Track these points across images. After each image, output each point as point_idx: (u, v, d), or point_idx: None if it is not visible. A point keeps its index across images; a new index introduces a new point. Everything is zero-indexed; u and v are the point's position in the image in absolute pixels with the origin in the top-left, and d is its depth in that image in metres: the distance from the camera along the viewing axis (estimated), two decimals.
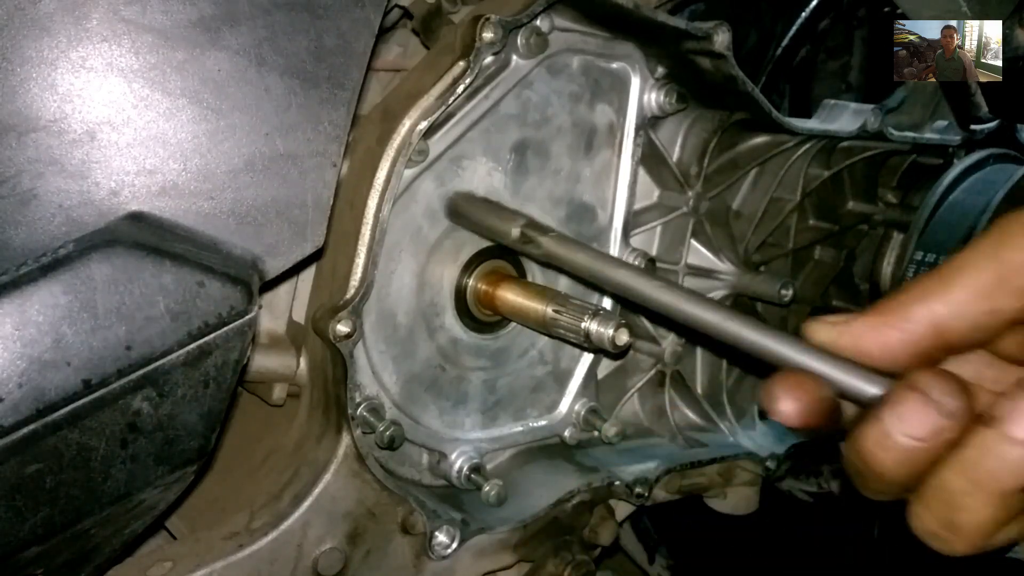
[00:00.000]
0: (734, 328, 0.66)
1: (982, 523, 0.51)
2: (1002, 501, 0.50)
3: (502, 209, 0.91)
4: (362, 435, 0.94)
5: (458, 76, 0.89)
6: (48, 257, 0.64)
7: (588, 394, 1.17)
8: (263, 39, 0.71)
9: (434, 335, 1.02)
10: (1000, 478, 0.49)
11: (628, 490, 1.15)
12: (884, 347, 0.55)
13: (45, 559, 0.70)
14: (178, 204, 0.70)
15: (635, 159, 1.12)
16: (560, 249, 0.84)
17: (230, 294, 0.70)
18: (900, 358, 0.55)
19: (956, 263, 0.55)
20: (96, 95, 0.66)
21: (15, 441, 0.62)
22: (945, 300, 0.54)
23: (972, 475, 0.50)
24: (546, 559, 1.11)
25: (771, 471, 1.31)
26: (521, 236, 0.86)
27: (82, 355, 0.64)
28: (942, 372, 0.52)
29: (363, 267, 0.90)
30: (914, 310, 0.55)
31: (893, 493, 0.56)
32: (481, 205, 0.94)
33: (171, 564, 0.88)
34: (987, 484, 0.50)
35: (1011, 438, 0.48)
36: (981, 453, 0.49)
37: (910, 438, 0.51)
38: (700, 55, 1.07)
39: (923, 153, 1.45)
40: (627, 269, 0.77)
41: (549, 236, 0.85)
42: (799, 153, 1.28)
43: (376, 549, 0.99)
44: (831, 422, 0.57)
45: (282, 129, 0.74)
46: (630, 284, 0.76)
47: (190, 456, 0.73)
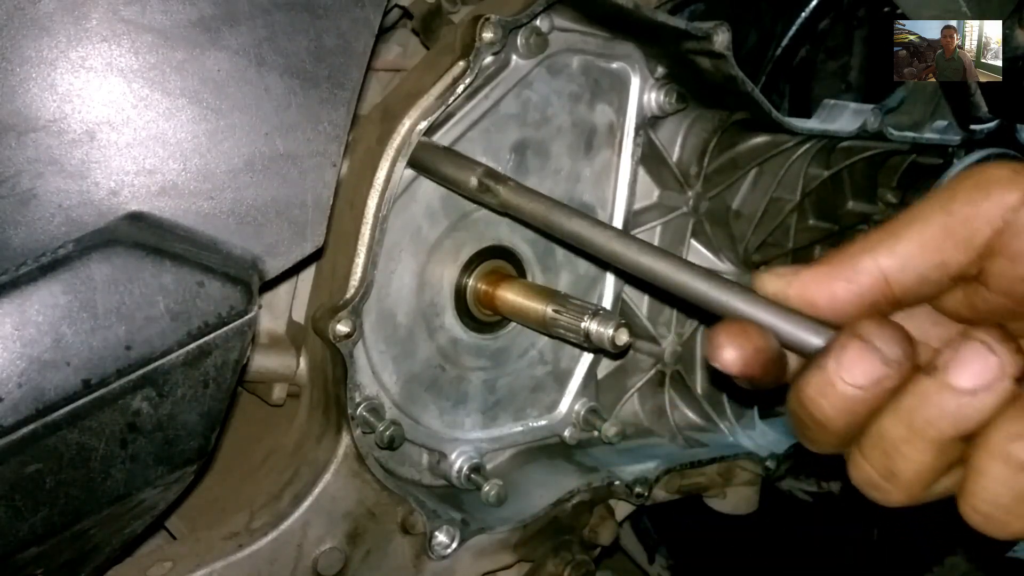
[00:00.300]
0: (683, 278, 0.65)
1: (919, 471, 0.51)
2: (939, 449, 0.50)
3: (462, 158, 0.89)
4: (362, 435, 0.94)
5: (458, 76, 0.89)
6: (48, 257, 0.64)
7: (588, 394, 1.17)
8: (263, 39, 0.71)
9: (434, 335, 1.02)
10: (938, 426, 0.49)
11: (628, 490, 1.15)
12: (832, 298, 0.55)
13: (45, 559, 0.70)
14: (178, 204, 0.70)
15: (635, 159, 1.12)
16: (516, 198, 0.82)
17: (230, 294, 0.70)
18: (847, 310, 0.55)
19: (906, 216, 0.55)
20: (96, 95, 0.66)
21: (15, 441, 0.62)
22: (893, 252, 0.54)
23: (910, 422, 0.50)
24: (546, 559, 1.11)
25: (771, 471, 1.31)
26: (479, 185, 0.85)
27: (82, 355, 0.64)
28: (886, 321, 0.51)
29: (363, 267, 0.90)
30: (862, 261, 0.55)
31: (834, 445, 0.56)
32: (442, 154, 0.92)
33: (171, 564, 0.88)
34: (925, 431, 0.50)
35: (950, 386, 0.48)
36: (920, 401, 0.49)
37: (851, 386, 0.50)
38: (700, 55, 1.07)
39: (923, 153, 1.45)
40: (581, 218, 0.76)
41: (506, 185, 0.84)
42: (799, 153, 1.28)
43: (376, 549, 0.99)
44: (775, 374, 0.57)
45: (282, 129, 0.74)
46: (583, 233, 0.75)
47: (190, 456, 0.73)
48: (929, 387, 0.49)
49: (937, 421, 0.49)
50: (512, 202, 0.84)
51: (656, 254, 0.69)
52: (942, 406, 0.49)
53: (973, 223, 0.52)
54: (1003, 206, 0.52)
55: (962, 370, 0.48)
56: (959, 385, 0.48)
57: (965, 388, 0.48)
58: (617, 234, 0.74)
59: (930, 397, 0.49)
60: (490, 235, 1.04)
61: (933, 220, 0.53)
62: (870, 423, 0.52)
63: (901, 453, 0.51)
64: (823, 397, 0.52)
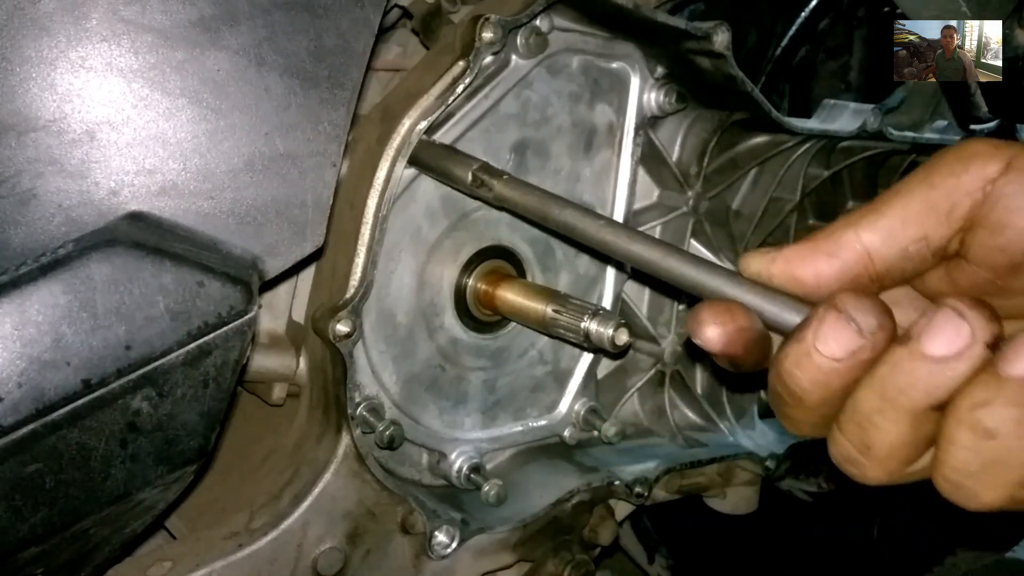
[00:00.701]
0: (670, 263, 0.66)
1: (893, 443, 0.51)
2: (913, 420, 0.50)
3: (458, 154, 0.90)
4: (362, 435, 0.94)
5: (458, 76, 0.89)
6: (48, 257, 0.64)
7: (588, 394, 1.17)
8: (263, 39, 0.71)
9: (434, 335, 1.02)
10: (910, 395, 0.49)
11: (628, 490, 1.15)
12: (816, 275, 0.55)
13: (45, 559, 0.70)
14: (178, 204, 0.70)
15: (635, 159, 1.12)
16: (511, 191, 0.84)
17: (230, 294, 0.70)
18: (831, 286, 0.55)
19: (890, 192, 0.55)
20: (96, 95, 0.66)
21: (15, 441, 0.62)
22: (875, 226, 0.54)
23: (884, 392, 0.49)
24: (546, 559, 1.11)
25: (771, 471, 1.31)
26: (473, 179, 0.86)
27: (82, 355, 0.64)
28: (864, 293, 0.51)
29: (363, 267, 0.90)
30: (844, 236, 0.55)
31: (811, 423, 0.55)
32: (439, 150, 0.92)
33: (171, 564, 0.88)
34: (897, 400, 0.49)
35: (923, 355, 0.48)
36: (893, 370, 0.49)
37: (827, 358, 0.50)
38: (700, 55, 1.07)
39: (923, 153, 1.45)
40: (573, 209, 0.78)
41: (501, 179, 0.85)
42: (799, 153, 1.28)
43: (376, 549, 0.99)
44: (758, 356, 0.57)
45: (282, 129, 0.74)
46: (575, 223, 0.77)
47: (190, 456, 0.73)
48: (902, 356, 0.49)
49: (909, 390, 0.48)
50: (507, 195, 0.84)
51: (644, 241, 0.70)
52: (914, 374, 0.48)
53: (954, 195, 0.53)
54: (983, 177, 0.52)
55: (934, 337, 0.47)
56: (931, 352, 0.48)
57: (937, 356, 0.47)
58: (608, 223, 0.75)
59: (903, 365, 0.48)
60: (490, 235, 1.04)
61: (915, 194, 0.54)
62: (846, 397, 0.52)
63: (875, 424, 0.51)
64: (799, 369, 0.52)
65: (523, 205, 0.83)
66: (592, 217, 0.76)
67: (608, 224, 0.75)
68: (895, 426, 0.50)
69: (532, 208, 0.82)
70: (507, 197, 0.84)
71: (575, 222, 0.77)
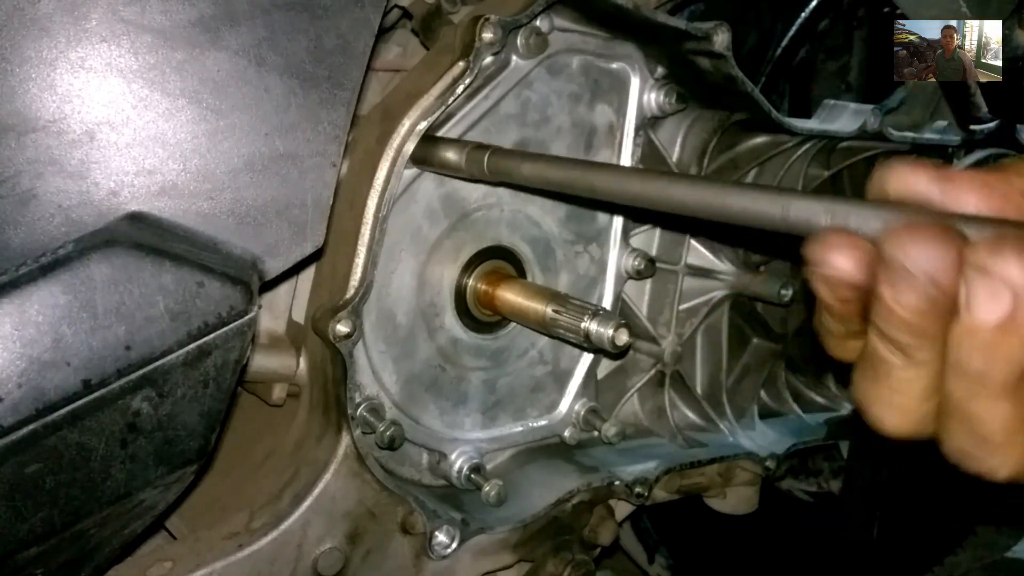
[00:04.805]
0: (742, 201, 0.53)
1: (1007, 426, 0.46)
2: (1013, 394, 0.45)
3: (451, 141, 0.89)
4: (362, 435, 0.94)
5: (458, 76, 0.89)
6: (48, 257, 0.64)
7: (588, 394, 1.17)
8: (263, 39, 0.72)
9: (434, 335, 1.02)
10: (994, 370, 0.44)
11: (628, 490, 1.15)
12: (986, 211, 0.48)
13: (45, 559, 0.70)
14: (177, 204, 0.70)
15: (635, 159, 1.12)
16: (502, 161, 0.81)
17: (230, 294, 0.70)
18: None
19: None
20: (95, 95, 0.66)
21: (15, 441, 0.62)
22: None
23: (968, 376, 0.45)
24: (546, 559, 1.11)
25: (771, 471, 1.31)
26: (467, 160, 0.84)
27: (82, 355, 0.64)
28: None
29: (363, 267, 0.90)
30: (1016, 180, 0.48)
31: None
32: (433, 143, 0.91)
33: (171, 564, 0.88)
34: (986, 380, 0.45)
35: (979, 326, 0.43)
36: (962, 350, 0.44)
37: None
38: (700, 55, 1.07)
39: (923, 153, 1.45)
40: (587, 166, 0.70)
41: (489, 153, 0.83)
42: (799, 153, 1.28)
43: (376, 549, 0.99)
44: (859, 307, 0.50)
45: (282, 129, 0.74)
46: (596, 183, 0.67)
47: (190, 456, 0.73)
48: (962, 333, 0.44)
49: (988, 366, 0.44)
50: (499, 167, 0.82)
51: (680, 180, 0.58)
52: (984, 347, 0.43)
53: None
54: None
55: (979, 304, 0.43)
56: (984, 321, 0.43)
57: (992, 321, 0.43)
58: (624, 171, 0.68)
59: (967, 342, 0.44)
60: (490, 235, 1.04)
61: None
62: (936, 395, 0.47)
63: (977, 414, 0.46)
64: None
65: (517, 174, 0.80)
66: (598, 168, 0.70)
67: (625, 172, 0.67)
68: (997, 406, 0.45)
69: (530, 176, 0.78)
70: (500, 169, 0.82)
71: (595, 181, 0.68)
